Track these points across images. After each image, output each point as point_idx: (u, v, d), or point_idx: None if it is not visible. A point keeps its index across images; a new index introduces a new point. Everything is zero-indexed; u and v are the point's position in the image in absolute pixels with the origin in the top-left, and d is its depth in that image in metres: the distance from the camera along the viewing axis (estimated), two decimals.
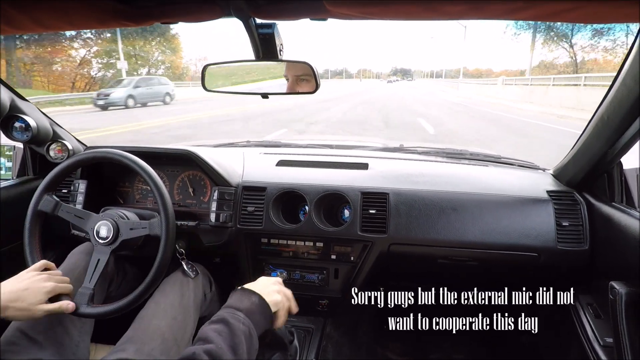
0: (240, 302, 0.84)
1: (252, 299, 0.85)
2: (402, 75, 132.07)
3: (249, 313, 0.81)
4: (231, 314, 0.79)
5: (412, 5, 0.41)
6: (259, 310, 0.84)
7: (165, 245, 1.05)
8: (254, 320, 0.81)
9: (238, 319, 0.79)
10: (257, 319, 0.82)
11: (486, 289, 1.91)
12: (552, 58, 25.55)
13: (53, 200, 1.10)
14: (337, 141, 1.96)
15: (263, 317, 0.84)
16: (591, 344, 1.09)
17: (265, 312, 0.85)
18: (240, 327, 0.77)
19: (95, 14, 0.48)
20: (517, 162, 1.59)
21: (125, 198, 1.48)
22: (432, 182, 1.34)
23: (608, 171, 1.16)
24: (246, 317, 0.80)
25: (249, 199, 1.36)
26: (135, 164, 1.10)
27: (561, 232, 1.20)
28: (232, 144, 1.85)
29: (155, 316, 1.08)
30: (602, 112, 1.00)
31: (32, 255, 1.06)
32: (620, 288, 0.94)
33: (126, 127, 9.42)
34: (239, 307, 0.82)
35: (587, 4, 0.38)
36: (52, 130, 1.47)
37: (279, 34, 0.68)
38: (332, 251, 1.36)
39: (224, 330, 0.75)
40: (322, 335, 1.45)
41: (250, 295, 0.86)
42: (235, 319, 0.78)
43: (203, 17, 0.50)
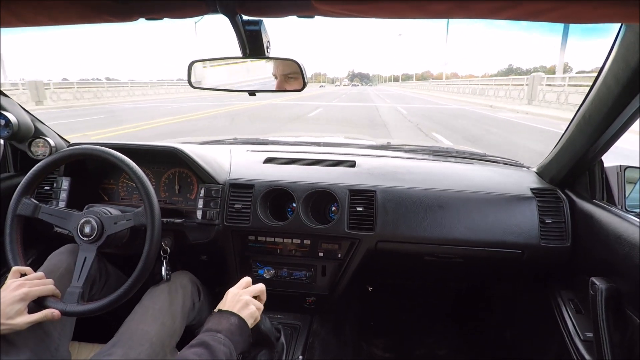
0: (219, 324, 0.84)
1: (230, 320, 0.85)
2: (360, 79, 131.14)
3: (229, 334, 0.82)
4: (211, 337, 0.80)
5: (398, 3, 0.42)
6: (238, 332, 0.85)
7: (152, 232, 1.03)
8: (233, 340, 0.82)
9: (219, 341, 0.79)
10: (236, 340, 0.83)
11: (470, 286, 1.95)
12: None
13: (32, 203, 1.07)
14: (324, 139, 1.96)
15: (242, 337, 0.85)
16: (572, 338, 1.11)
17: (244, 332, 0.86)
18: (221, 348, 0.78)
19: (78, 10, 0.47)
20: (502, 159, 1.61)
21: (109, 195, 1.46)
22: (419, 179, 1.36)
23: (590, 169, 1.18)
24: (226, 338, 0.80)
25: (236, 196, 1.35)
26: (115, 158, 1.08)
27: (544, 229, 1.22)
28: (219, 141, 1.84)
29: (143, 321, 1.07)
30: (584, 110, 1.03)
31: (14, 261, 1.04)
32: (600, 284, 0.96)
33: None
34: (218, 329, 0.82)
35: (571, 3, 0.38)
36: (34, 127, 1.44)
37: (265, 31, 0.67)
38: (319, 248, 1.36)
39: (204, 352, 0.76)
40: (309, 332, 1.46)
41: (228, 316, 0.86)
42: (215, 341, 0.79)
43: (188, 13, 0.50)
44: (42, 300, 0.94)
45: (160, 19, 0.51)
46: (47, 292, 0.95)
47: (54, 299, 0.96)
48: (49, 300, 0.95)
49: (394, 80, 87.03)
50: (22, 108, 1.41)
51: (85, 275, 1.02)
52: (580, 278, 1.10)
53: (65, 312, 0.95)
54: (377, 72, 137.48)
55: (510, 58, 47.05)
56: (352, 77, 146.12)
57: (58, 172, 1.36)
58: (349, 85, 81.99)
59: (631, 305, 0.91)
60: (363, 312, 1.92)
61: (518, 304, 1.64)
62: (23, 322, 0.86)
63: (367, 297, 1.97)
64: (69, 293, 0.99)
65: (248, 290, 0.94)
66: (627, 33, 0.79)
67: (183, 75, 1.07)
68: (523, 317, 1.58)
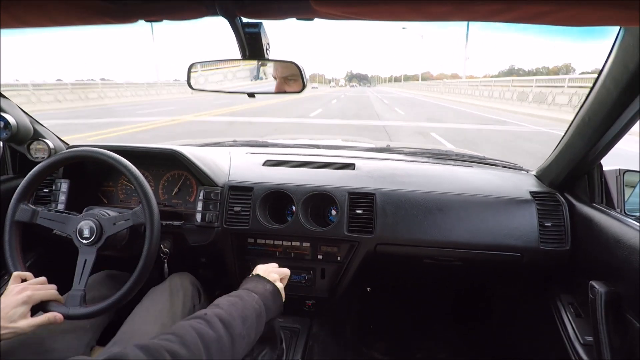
0: (255, 287, 0.88)
1: (266, 287, 0.89)
2: (359, 80, 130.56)
3: (263, 298, 0.85)
4: (247, 293, 0.84)
5: (398, 5, 0.42)
6: (272, 298, 0.88)
7: (151, 230, 1.03)
8: (266, 304, 0.85)
9: (252, 298, 0.83)
10: (269, 305, 0.86)
11: (470, 288, 1.94)
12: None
13: (29, 209, 1.07)
14: (324, 141, 1.96)
15: (275, 304, 0.88)
16: (572, 342, 1.11)
17: (277, 301, 0.90)
18: (253, 304, 0.81)
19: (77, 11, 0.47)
20: (501, 163, 1.61)
21: (109, 197, 1.46)
22: (419, 182, 1.36)
23: (589, 172, 1.18)
24: (260, 300, 0.84)
25: (235, 198, 1.35)
26: (112, 159, 1.08)
27: (543, 233, 1.22)
28: (219, 144, 1.84)
29: (144, 322, 1.07)
30: (583, 113, 1.03)
31: (14, 267, 1.03)
32: (599, 287, 0.96)
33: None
34: (255, 291, 0.86)
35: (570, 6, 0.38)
36: (33, 129, 1.44)
37: (265, 33, 0.67)
38: (319, 251, 1.36)
39: (238, 302, 0.79)
40: (309, 335, 1.45)
41: (265, 282, 0.90)
42: (250, 297, 0.82)
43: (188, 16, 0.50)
44: (44, 304, 0.94)
45: (160, 21, 0.51)
46: (49, 296, 0.94)
47: (56, 303, 0.96)
48: (51, 304, 0.95)
49: (394, 80, 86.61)
50: (21, 110, 1.41)
51: (87, 279, 1.01)
52: (579, 281, 1.10)
53: (68, 315, 0.94)
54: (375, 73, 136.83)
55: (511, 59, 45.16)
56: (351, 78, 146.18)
57: (57, 175, 1.36)
58: (345, 86, 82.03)
59: (631, 309, 0.91)
60: (363, 314, 1.91)
61: (517, 307, 1.64)
62: (26, 326, 0.86)
63: (366, 299, 1.96)
64: (70, 296, 0.98)
65: (276, 271, 0.99)
66: (626, 36, 0.80)
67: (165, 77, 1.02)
68: (523, 321, 1.57)
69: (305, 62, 1.10)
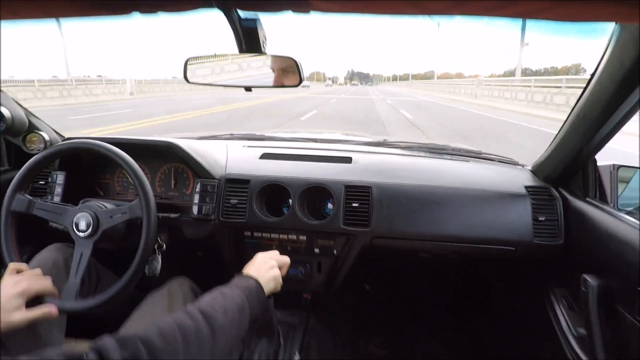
0: (239, 282, 0.89)
1: (249, 282, 0.90)
2: (360, 79, 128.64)
3: (247, 292, 0.86)
4: (229, 288, 0.85)
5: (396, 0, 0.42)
6: (256, 292, 0.89)
7: (148, 223, 1.03)
8: (249, 297, 0.85)
9: (234, 292, 0.83)
10: (252, 298, 0.86)
11: (465, 282, 1.96)
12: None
13: (26, 199, 1.06)
14: (321, 135, 1.95)
15: (258, 298, 0.89)
16: (565, 335, 1.12)
17: (261, 295, 0.90)
18: (234, 298, 0.81)
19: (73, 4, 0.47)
20: (497, 157, 1.62)
21: (105, 190, 1.46)
22: (415, 176, 1.36)
23: (583, 167, 1.19)
24: (242, 294, 0.84)
25: (232, 191, 1.35)
26: (109, 151, 1.08)
27: (537, 227, 1.23)
28: (215, 137, 1.83)
29: (142, 325, 1.06)
30: (579, 109, 1.03)
31: (10, 257, 1.03)
32: (592, 281, 0.97)
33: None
34: (237, 285, 0.87)
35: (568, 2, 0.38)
36: (28, 121, 1.43)
37: (262, 27, 0.67)
38: (315, 245, 1.36)
39: (218, 296, 0.80)
40: (306, 329, 1.46)
41: (248, 278, 0.91)
42: (231, 291, 0.83)
43: (183, 8, 0.49)
44: (39, 297, 0.93)
45: (155, 14, 0.51)
46: (45, 289, 0.94)
47: (51, 296, 0.95)
48: (45, 297, 0.94)
49: (400, 79, 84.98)
50: (16, 102, 1.40)
51: (82, 272, 1.01)
52: (572, 275, 1.11)
53: (64, 309, 0.94)
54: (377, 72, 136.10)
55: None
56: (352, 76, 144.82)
57: (53, 167, 1.35)
58: (346, 84, 79.95)
59: (622, 302, 0.92)
60: (359, 308, 1.93)
61: (512, 300, 1.66)
62: (21, 319, 0.85)
63: (363, 293, 1.97)
64: (66, 290, 0.98)
65: (276, 258, 1.02)
66: (622, 32, 0.80)
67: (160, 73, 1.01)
68: (517, 313, 1.59)
69: (305, 61, 1.10)
